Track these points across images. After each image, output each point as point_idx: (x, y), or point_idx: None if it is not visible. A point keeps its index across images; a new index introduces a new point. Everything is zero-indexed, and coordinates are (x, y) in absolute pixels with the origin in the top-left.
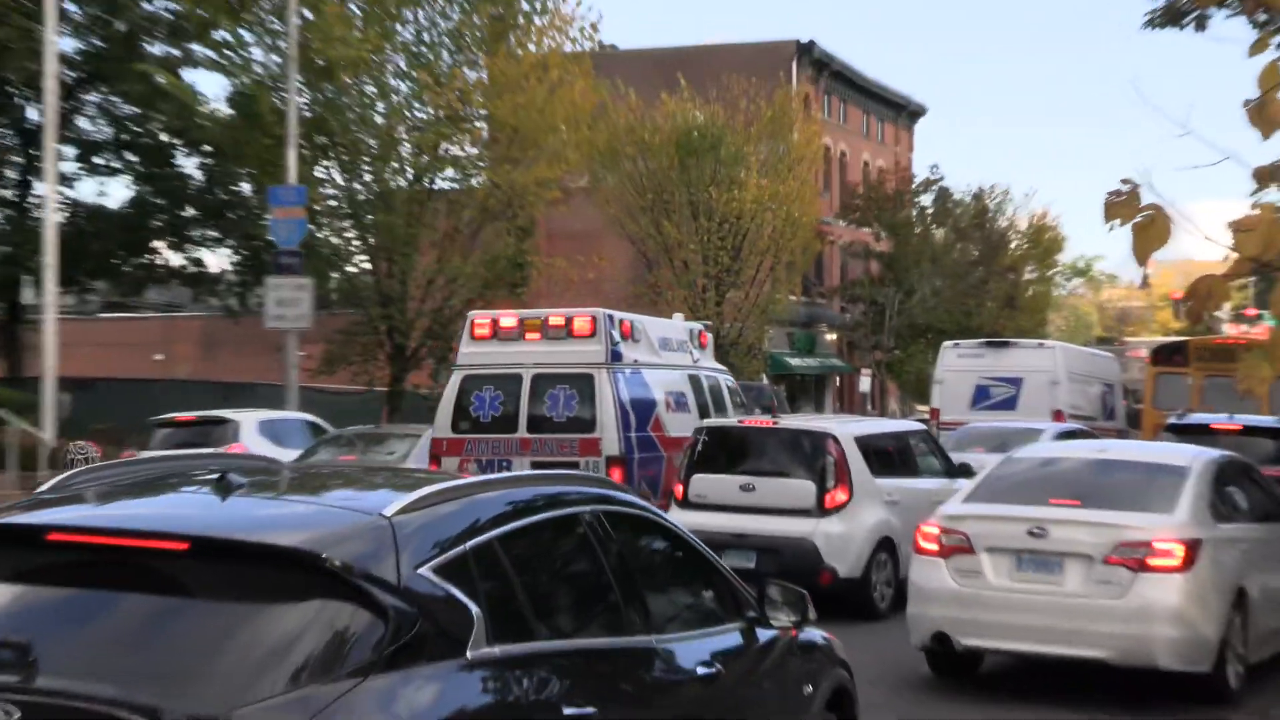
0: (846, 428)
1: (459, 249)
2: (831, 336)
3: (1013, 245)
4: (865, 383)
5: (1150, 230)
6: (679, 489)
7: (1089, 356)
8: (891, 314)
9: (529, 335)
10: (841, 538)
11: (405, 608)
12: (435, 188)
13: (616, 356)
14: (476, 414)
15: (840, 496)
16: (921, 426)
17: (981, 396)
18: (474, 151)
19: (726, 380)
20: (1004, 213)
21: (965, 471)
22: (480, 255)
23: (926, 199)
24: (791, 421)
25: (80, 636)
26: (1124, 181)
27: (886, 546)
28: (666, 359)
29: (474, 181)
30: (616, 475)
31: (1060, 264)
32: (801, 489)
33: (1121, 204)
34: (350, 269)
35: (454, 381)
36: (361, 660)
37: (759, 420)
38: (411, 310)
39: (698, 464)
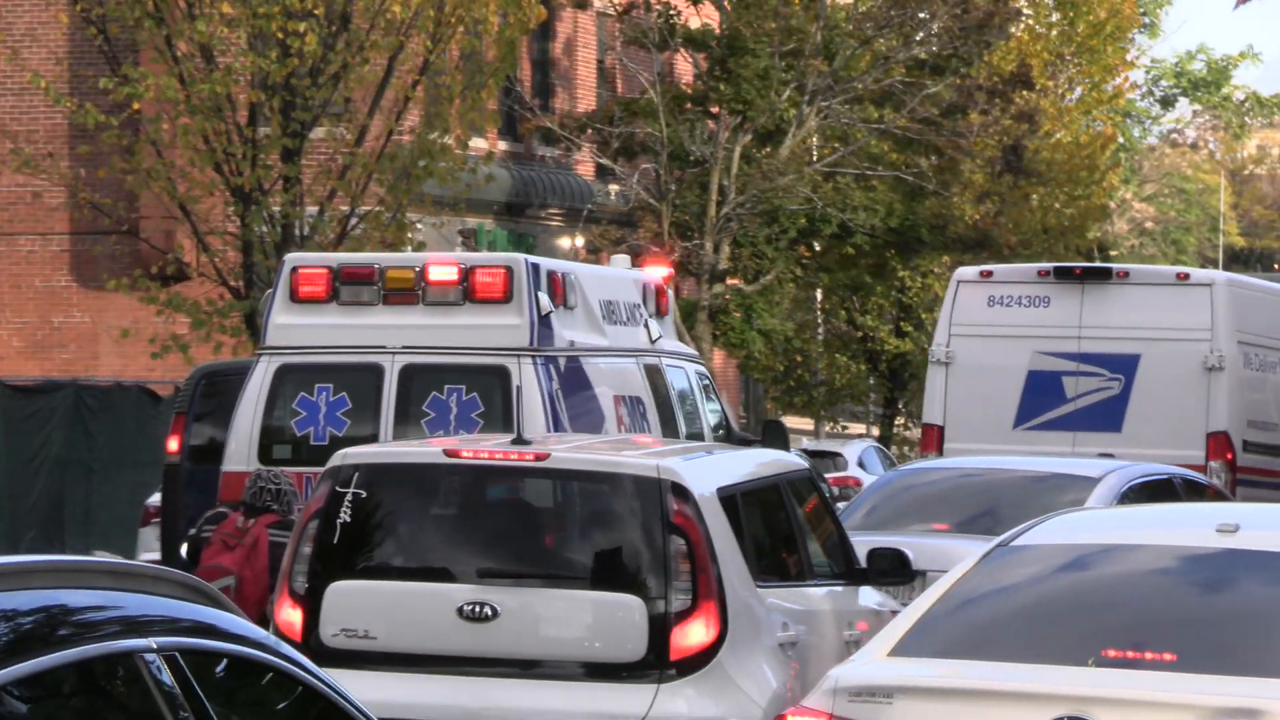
0: (700, 468)
1: None
2: (574, 243)
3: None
4: None
5: None
6: (289, 613)
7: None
8: (725, 187)
9: (394, 297)
10: None
11: None
12: None
13: (546, 335)
14: (303, 433)
15: (701, 631)
16: (799, 464)
17: (1042, 397)
18: None
19: (699, 371)
20: None
21: (889, 571)
22: None
23: None
24: (576, 453)
25: None
26: None
27: None
28: (614, 338)
29: None
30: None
31: (1142, 59)
32: (610, 614)
33: None
34: None
35: (261, 376)
36: None
37: (497, 449)
38: None
39: (339, 553)
